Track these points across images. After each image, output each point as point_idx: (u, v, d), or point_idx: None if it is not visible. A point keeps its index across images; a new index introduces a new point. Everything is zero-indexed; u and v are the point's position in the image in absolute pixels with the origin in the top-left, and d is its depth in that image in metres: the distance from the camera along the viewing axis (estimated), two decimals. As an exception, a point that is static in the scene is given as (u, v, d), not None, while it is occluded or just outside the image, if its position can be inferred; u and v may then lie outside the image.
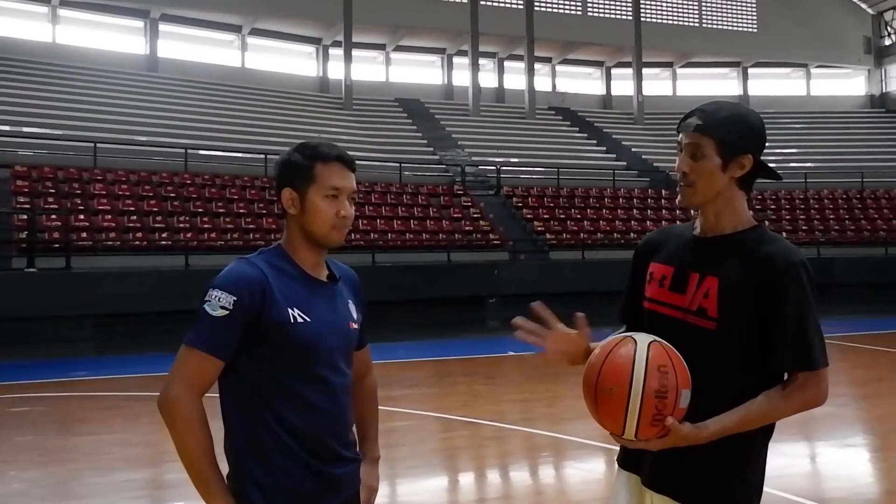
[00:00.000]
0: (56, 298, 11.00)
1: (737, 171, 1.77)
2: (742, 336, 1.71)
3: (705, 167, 1.75)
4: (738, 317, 1.70)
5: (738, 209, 1.80)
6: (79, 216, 13.09)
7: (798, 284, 1.69)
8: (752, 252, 1.73)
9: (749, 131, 1.79)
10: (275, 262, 1.79)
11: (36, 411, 7.38)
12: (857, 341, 11.81)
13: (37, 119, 16.02)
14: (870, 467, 5.52)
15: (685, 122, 1.79)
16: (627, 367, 1.63)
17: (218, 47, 23.12)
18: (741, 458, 1.74)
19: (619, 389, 1.61)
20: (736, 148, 1.75)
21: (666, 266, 1.85)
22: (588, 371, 1.69)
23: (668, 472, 1.75)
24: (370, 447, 2.04)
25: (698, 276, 1.76)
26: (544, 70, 26.64)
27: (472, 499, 4.87)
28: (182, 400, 1.67)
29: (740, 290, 1.70)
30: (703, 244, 1.81)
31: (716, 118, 1.76)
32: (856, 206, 20.63)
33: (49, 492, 4.93)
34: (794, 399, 1.69)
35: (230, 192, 15.36)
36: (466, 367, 10.01)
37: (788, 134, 25.49)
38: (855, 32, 28.20)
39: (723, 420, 1.66)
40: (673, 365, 1.63)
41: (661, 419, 1.61)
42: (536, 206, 18.04)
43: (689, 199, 1.79)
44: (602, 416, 1.67)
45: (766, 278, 1.69)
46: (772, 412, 1.70)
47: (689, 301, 1.76)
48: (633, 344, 1.66)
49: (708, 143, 1.74)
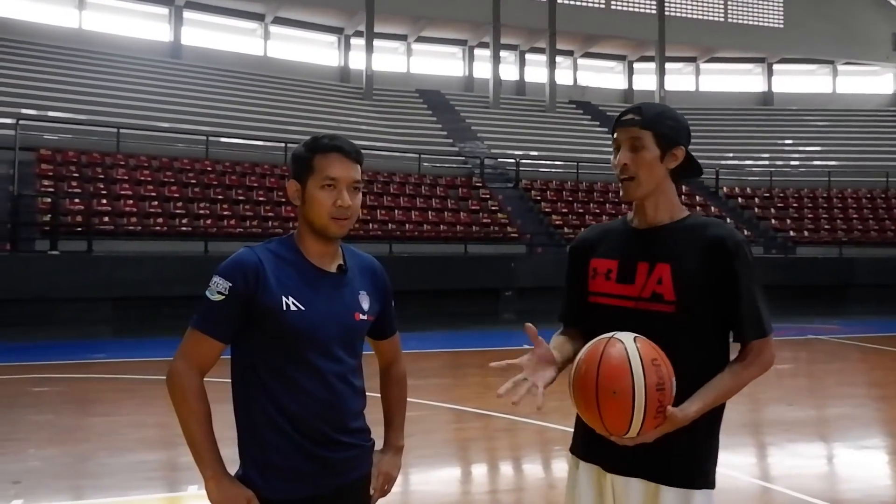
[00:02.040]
0: (77, 281, 11.14)
1: (672, 163, 1.90)
2: (699, 315, 1.82)
3: (645, 158, 1.87)
4: (695, 297, 1.82)
5: (672, 200, 1.93)
6: (101, 200, 13.23)
7: (746, 262, 1.84)
8: (701, 236, 1.85)
9: (680, 126, 1.92)
10: (279, 250, 1.86)
11: (54, 391, 7.49)
12: (878, 342, 11.67)
13: (62, 104, 16.20)
14: (886, 469, 5.45)
15: (623, 119, 1.90)
16: (626, 366, 1.66)
17: (241, 35, 23.22)
18: (705, 431, 1.85)
19: (624, 391, 1.65)
20: (671, 140, 1.88)
21: (609, 260, 1.94)
22: (582, 379, 1.70)
23: (635, 455, 1.80)
24: (394, 435, 2.07)
25: (647, 265, 1.86)
26: (566, 63, 26.49)
27: (483, 490, 4.88)
28: (181, 374, 1.81)
29: (695, 272, 1.82)
30: (645, 235, 1.91)
31: (651, 114, 1.89)
32: (880, 205, 20.33)
33: (65, 470, 5.01)
34: (755, 366, 1.84)
35: (250, 179, 15.45)
36: (480, 359, 10.01)
37: (812, 131, 25.18)
38: (883, 29, 27.72)
39: (702, 398, 1.76)
40: (660, 356, 1.71)
41: (663, 411, 1.68)
42: (554, 200, 17.96)
43: (633, 192, 1.89)
44: (608, 420, 1.68)
45: (719, 258, 1.82)
46: (740, 382, 1.83)
47: (641, 289, 1.86)
48: (621, 343, 1.70)
49: (647, 136, 1.86)
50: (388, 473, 2.02)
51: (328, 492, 1.84)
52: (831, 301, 15.86)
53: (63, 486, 4.72)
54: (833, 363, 10.37)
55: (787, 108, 26.90)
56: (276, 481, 1.80)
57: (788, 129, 25.19)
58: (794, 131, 25.09)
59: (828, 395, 8.19)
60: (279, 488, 1.80)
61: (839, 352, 11.24)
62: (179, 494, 4.61)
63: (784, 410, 7.05)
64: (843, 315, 15.07)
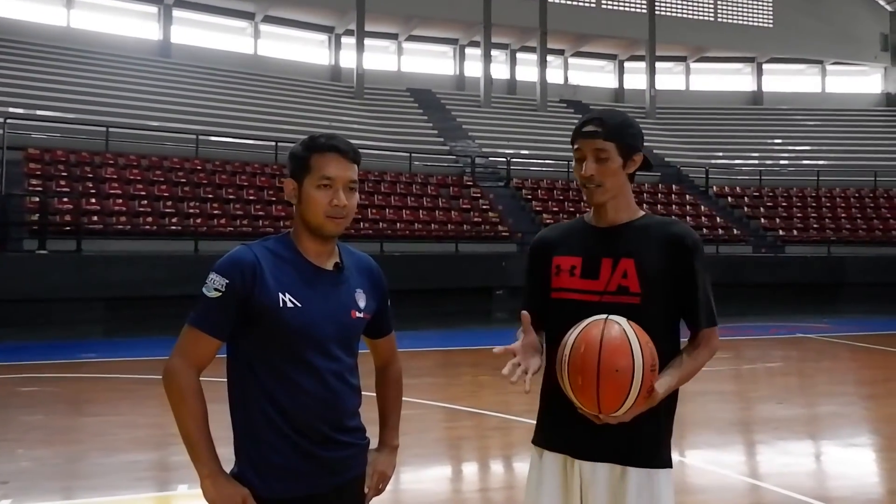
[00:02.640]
0: (66, 281, 11.07)
1: (632, 168, 2.04)
2: (659, 306, 1.96)
3: (610, 168, 1.99)
4: (657, 289, 1.95)
5: (630, 200, 2.06)
6: (90, 200, 13.15)
7: (701, 258, 1.99)
8: (661, 233, 1.99)
9: (637, 133, 2.05)
10: (276, 248, 1.86)
11: (45, 392, 7.45)
12: (867, 341, 11.76)
13: (50, 102, 16.10)
14: (874, 467, 5.50)
15: (586, 131, 2.00)
16: (627, 346, 1.76)
17: (231, 34, 23.13)
18: (665, 414, 1.98)
19: (625, 369, 1.74)
20: (632, 148, 2.02)
21: (573, 257, 2.04)
22: (582, 357, 1.76)
23: (605, 440, 1.91)
24: (389, 434, 2.08)
25: (612, 261, 1.98)
26: (556, 62, 26.53)
27: (475, 488, 4.89)
28: (177, 371, 1.80)
29: (657, 266, 1.96)
30: (606, 233, 2.03)
31: (613, 124, 2.00)
32: (868, 205, 20.46)
33: (56, 471, 4.98)
34: (707, 350, 1.99)
35: (240, 178, 15.40)
36: (472, 358, 10.03)
37: (802, 131, 25.31)
38: (872, 29, 27.91)
39: (667, 381, 1.88)
40: (649, 338, 1.81)
41: (651, 390, 1.80)
42: (546, 199, 18.00)
43: (599, 197, 2.01)
44: (604, 398, 1.75)
45: (679, 254, 1.96)
46: (696, 366, 1.97)
47: (606, 284, 1.97)
48: (618, 324, 1.81)
49: (610, 147, 1.98)
50: (384, 472, 2.02)
51: (325, 491, 1.84)
52: (821, 300, 15.96)
53: (53, 487, 4.70)
54: (822, 362, 10.45)
55: (777, 107, 27.04)
56: (272, 480, 1.80)
57: (778, 128, 25.31)
58: (783, 131, 25.22)
59: (817, 394, 8.25)
60: (276, 487, 1.80)
61: (829, 350, 11.32)
62: (170, 494, 4.60)
63: (774, 408, 7.10)
64: (833, 314, 15.18)
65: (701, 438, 5.85)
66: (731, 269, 15.19)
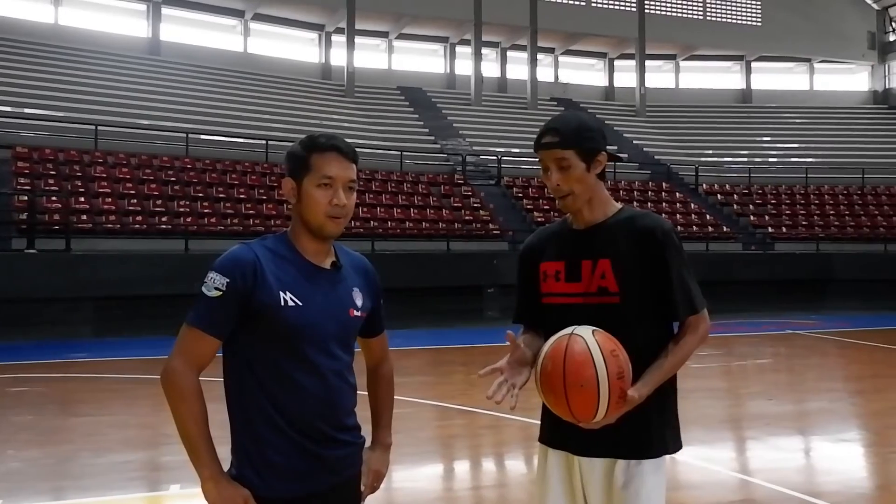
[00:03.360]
0: (55, 280, 11.00)
1: (598, 168, 2.05)
2: (642, 301, 1.98)
3: (574, 175, 2.01)
4: (635, 285, 1.98)
5: (604, 198, 2.08)
6: (79, 198, 13.08)
7: (675, 248, 1.99)
8: (632, 229, 2.01)
9: (596, 133, 2.05)
10: (275, 247, 1.86)
11: (34, 392, 7.41)
12: (855, 337, 11.85)
13: (38, 101, 15.98)
14: (863, 462, 5.55)
15: (543, 143, 2.02)
16: (589, 361, 1.82)
17: (220, 32, 23.03)
18: (659, 406, 2.00)
19: (589, 383, 1.80)
20: (592, 150, 2.03)
21: (556, 262, 2.08)
22: (549, 376, 1.84)
23: (600, 437, 1.95)
24: (382, 433, 2.09)
25: (591, 263, 2.02)
26: (547, 60, 26.56)
27: (467, 486, 4.90)
28: (178, 372, 1.78)
29: (631, 263, 1.98)
30: (584, 235, 2.07)
31: (569, 131, 2.01)
32: (856, 202, 20.61)
33: (46, 471, 4.96)
34: (693, 338, 2.00)
35: (231, 177, 15.34)
36: (464, 357, 10.04)
37: (790, 128, 25.46)
38: (859, 27, 28.09)
39: (652, 377, 1.92)
40: (617, 346, 1.86)
41: (624, 396, 1.84)
42: (536, 197, 18.02)
43: (571, 205, 2.04)
44: (575, 410, 1.84)
45: (650, 247, 1.98)
46: (681, 357, 1.99)
47: (588, 285, 2.01)
48: (581, 338, 1.85)
49: (570, 154, 2.00)
50: (378, 471, 2.03)
51: (323, 489, 1.84)
52: (809, 296, 16.07)
53: (44, 487, 4.67)
54: (812, 358, 10.52)
55: (766, 105, 27.18)
56: (272, 479, 1.79)
57: (766, 126, 25.45)
58: (772, 128, 25.36)
59: (807, 390, 8.30)
60: (276, 486, 1.79)
61: (818, 346, 11.40)
62: (162, 494, 4.58)
63: (764, 405, 7.14)
64: (821, 310, 15.29)
65: (692, 435, 5.86)
66: (720, 266, 15.27)
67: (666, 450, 2.01)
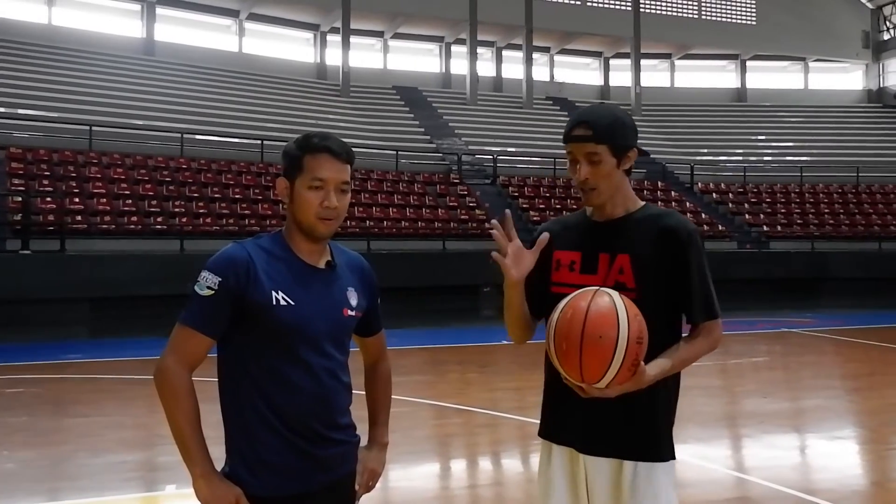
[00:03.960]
0: (50, 281, 10.97)
1: (627, 165, 2.00)
2: (659, 300, 1.93)
3: (604, 170, 1.96)
4: (653, 283, 1.93)
5: (627, 194, 2.03)
6: (74, 199, 13.04)
7: (697, 250, 1.96)
8: (655, 226, 1.97)
9: (630, 130, 2.00)
10: (269, 246, 1.86)
11: (29, 393, 7.39)
12: (850, 335, 11.89)
13: (32, 101, 15.93)
14: (858, 459, 5.56)
15: (575, 135, 1.96)
16: (614, 314, 1.76)
17: (215, 32, 22.99)
18: (665, 406, 1.97)
19: (609, 337, 1.73)
20: (625, 147, 1.98)
21: (572, 252, 2.03)
22: (568, 322, 1.77)
23: (603, 435, 1.92)
24: (379, 432, 2.08)
25: (609, 256, 1.97)
26: (542, 60, 26.57)
27: (463, 485, 4.90)
28: (170, 370, 1.78)
29: (651, 261, 1.94)
30: (604, 228, 2.02)
31: (603, 126, 1.95)
32: (851, 200, 20.67)
33: (42, 473, 4.94)
34: (705, 343, 1.97)
35: (226, 177, 15.32)
36: (460, 356, 10.05)
37: (785, 127, 25.51)
38: (854, 26, 28.16)
39: (660, 364, 1.87)
40: (639, 312, 1.81)
41: (637, 364, 1.77)
42: (532, 196, 18.03)
43: (594, 200, 2.00)
44: (587, 364, 1.75)
45: (672, 247, 1.94)
46: (692, 355, 1.96)
47: (604, 279, 1.96)
48: (608, 294, 1.80)
49: (602, 149, 1.95)
50: (374, 470, 2.02)
51: (317, 488, 1.84)
52: (804, 294, 16.10)
53: (39, 489, 4.66)
54: (807, 356, 10.55)
55: (761, 104, 27.23)
56: (265, 478, 1.79)
57: (762, 125, 25.50)
58: (767, 127, 25.41)
59: (802, 388, 8.33)
60: (269, 485, 1.79)
61: (813, 344, 11.43)
62: (158, 494, 4.58)
63: (759, 403, 7.16)
64: (816, 308, 15.33)
65: (687, 433, 5.89)
66: (715, 264, 14.85)
67: (672, 454, 1.96)
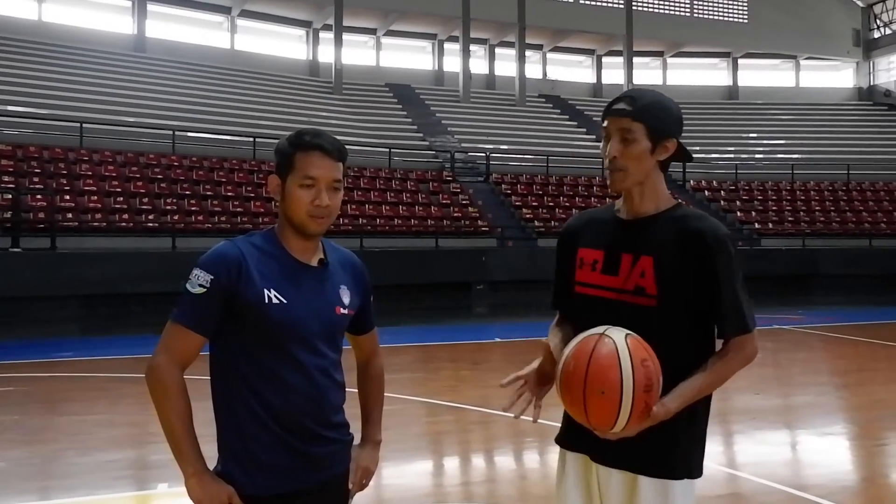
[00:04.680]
0: (41, 279, 10.91)
1: (662, 155, 1.85)
2: (682, 309, 1.79)
3: (635, 151, 1.81)
4: (676, 291, 1.78)
5: (659, 190, 1.88)
6: (64, 196, 12.97)
7: (728, 257, 1.79)
8: (682, 229, 1.81)
9: (673, 117, 1.86)
10: (261, 244, 1.85)
11: (19, 391, 7.35)
12: (840, 332, 11.95)
13: (22, 98, 15.82)
14: (849, 455, 5.60)
15: (614, 108, 1.84)
16: (615, 367, 1.65)
17: (207, 28, 22.89)
18: (685, 422, 1.82)
19: (612, 391, 1.64)
20: (663, 133, 1.83)
21: (595, 250, 1.90)
22: (570, 376, 1.69)
23: (619, 447, 1.79)
24: (372, 430, 2.08)
25: (631, 257, 1.83)
26: (535, 57, 26.58)
27: (456, 482, 4.91)
28: (162, 368, 1.77)
29: (675, 266, 1.79)
30: (630, 226, 1.88)
31: (643, 104, 1.82)
32: (841, 198, 20.78)
33: (32, 471, 4.92)
34: (736, 360, 1.81)
35: (218, 174, 15.26)
36: (452, 353, 10.05)
37: (776, 125, 25.61)
38: (844, 25, 28.30)
39: (682, 394, 1.74)
40: (650, 355, 1.68)
41: (649, 410, 1.67)
42: (525, 194, 18.05)
43: (620, 183, 1.85)
44: (593, 418, 1.68)
45: (699, 253, 1.78)
46: (720, 377, 1.80)
47: (624, 281, 1.83)
48: (612, 341, 1.69)
49: (638, 128, 1.80)
50: (367, 468, 2.02)
51: (310, 487, 1.84)
52: (795, 291, 16.19)
53: (30, 487, 4.64)
54: (798, 352, 10.60)
55: (752, 101, 27.33)
56: (258, 476, 1.79)
57: (753, 122, 25.60)
58: (758, 125, 25.50)
59: (793, 384, 8.37)
60: (261, 483, 1.79)
61: (804, 341, 11.48)
62: (149, 493, 4.56)
63: (750, 399, 7.19)
64: (807, 305, 15.41)
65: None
66: None
67: (691, 472, 1.83)
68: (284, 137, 1.87)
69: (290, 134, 1.87)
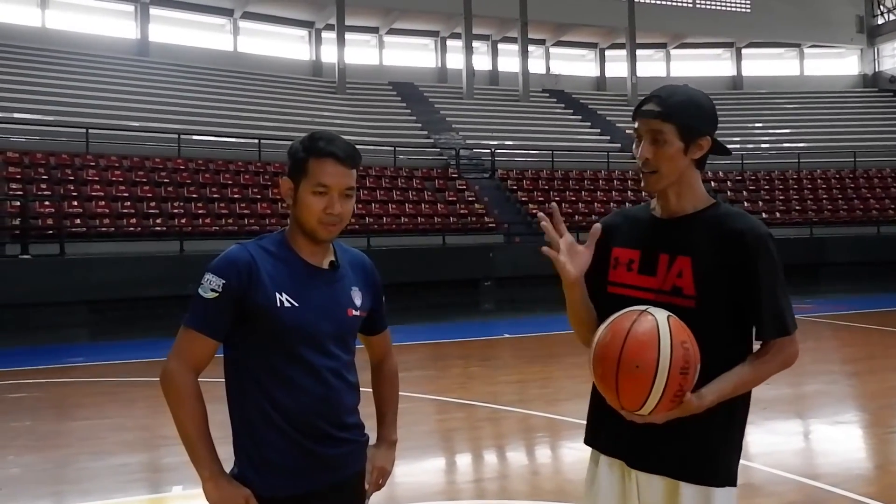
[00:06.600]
0: (50, 285, 10.98)
1: (696, 153, 1.81)
2: (720, 310, 1.76)
3: (667, 152, 1.78)
4: (715, 292, 1.75)
5: (696, 189, 1.84)
6: (72, 202, 13.04)
7: (768, 257, 1.76)
8: (721, 228, 1.78)
9: (705, 114, 1.83)
10: (271, 247, 1.85)
11: (31, 397, 7.40)
12: (849, 320, 11.90)
13: (28, 105, 15.91)
14: (860, 443, 5.58)
15: (643, 110, 1.80)
16: (654, 343, 1.61)
17: (209, 31, 22.94)
18: (724, 426, 1.79)
19: (647, 367, 1.59)
20: (695, 131, 1.79)
21: (632, 250, 1.87)
22: (605, 347, 1.65)
23: (655, 451, 1.76)
24: (387, 430, 2.08)
25: (668, 257, 1.80)
26: (538, 52, 26.53)
27: (468, 479, 4.91)
28: (176, 373, 1.79)
29: (713, 267, 1.75)
30: (667, 225, 1.84)
31: (673, 103, 1.78)
32: (848, 185, 20.68)
33: (45, 476, 4.95)
34: (775, 362, 1.79)
35: (224, 177, 15.31)
36: (462, 350, 10.05)
37: (781, 114, 25.50)
38: (848, 12, 28.12)
39: (719, 388, 1.71)
40: (690, 339, 1.65)
41: (682, 395, 1.63)
42: (531, 189, 18.03)
43: (654, 185, 1.82)
44: (623, 393, 1.63)
45: (737, 253, 1.74)
46: (758, 376, 1.79)
47: (662, 282, 1.79)
48: (653, 318, 1.65)
49: (669, 129, 1.77)
50: (383, 468, 2.03)
51: (324, 488, 1.84)
52: (804, 280, 16.09)
53: (44, 493, 4.67)
54: (807, 341, 10.55)
55: (757, 91, 27.21)
56: (272, 478, 1.80)
57: (758, 112, 25.49)
58: (763, 114, 25.39)
59: (803, 373, 8.33)
60: (276, 485, 1.80)
61: (813, 330, 11.43)
62: (163, 496, 4.59)
63: (761, 388, 7.13)
64: (816, 294, 15.33)
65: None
66: None
67: (731, 480, 1.78)
68: (298, 140, 1.85)
69: (304, 137, 1.85)
